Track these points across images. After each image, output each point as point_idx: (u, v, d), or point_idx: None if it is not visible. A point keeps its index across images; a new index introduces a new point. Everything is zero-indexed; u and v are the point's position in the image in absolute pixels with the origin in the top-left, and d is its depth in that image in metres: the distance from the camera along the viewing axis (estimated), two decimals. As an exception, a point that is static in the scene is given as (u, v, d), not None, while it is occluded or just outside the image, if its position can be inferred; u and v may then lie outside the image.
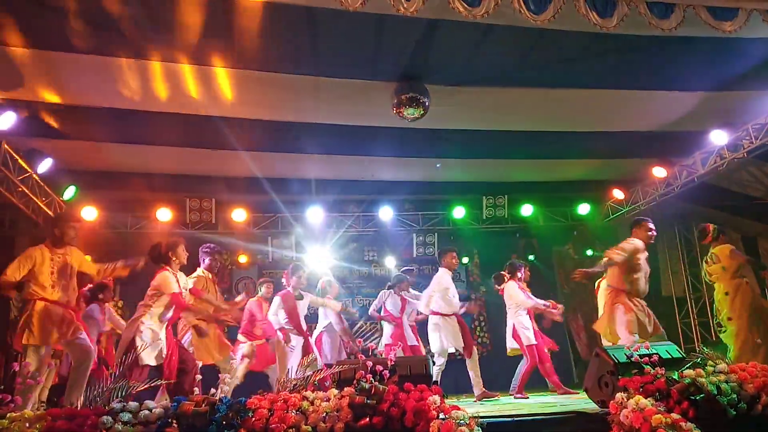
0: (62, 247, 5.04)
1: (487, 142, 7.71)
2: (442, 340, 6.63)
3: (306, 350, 6.67)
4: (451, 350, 6.74)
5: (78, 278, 5.20)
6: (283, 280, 7.11)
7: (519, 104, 6.80)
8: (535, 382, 7.67)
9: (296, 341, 6.71)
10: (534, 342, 6.89)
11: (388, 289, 7.72)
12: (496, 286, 7.48)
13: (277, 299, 6.84)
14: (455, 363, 7.21)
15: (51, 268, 4.89)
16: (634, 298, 5.53)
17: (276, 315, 6.75)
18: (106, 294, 6.33)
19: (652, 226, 5.77)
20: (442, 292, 6.78)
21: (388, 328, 7.57)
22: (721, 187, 8.52)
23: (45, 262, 4.87)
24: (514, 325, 7.00)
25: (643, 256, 5.62)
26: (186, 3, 4.83)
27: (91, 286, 6.22)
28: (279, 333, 6.67)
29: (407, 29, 5.26)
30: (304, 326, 6.94)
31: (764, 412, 3.79)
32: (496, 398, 6.55)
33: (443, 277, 6.87)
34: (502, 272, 7.42)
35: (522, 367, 6.94)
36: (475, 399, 6.50)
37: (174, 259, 5.08)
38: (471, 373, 6.58)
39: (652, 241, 5.81)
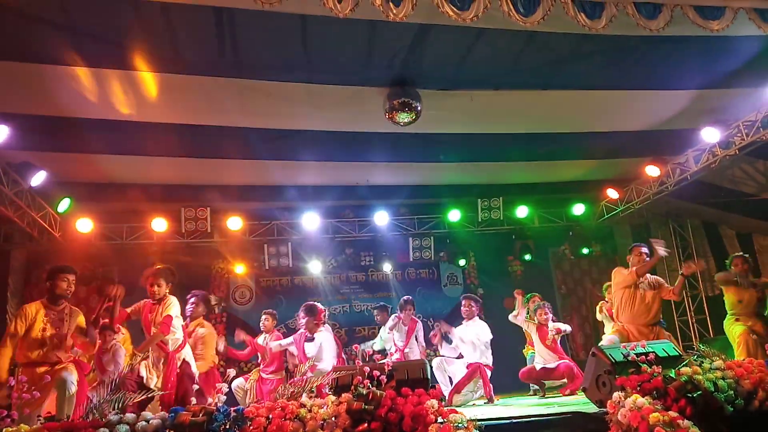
0: (58, 303, 4.88)
1: (480, 144, 7.74)
2: None
3: None
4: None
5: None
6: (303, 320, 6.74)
7: (511, 107, 6.83)
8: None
9: None
10: None
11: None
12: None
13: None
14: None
15: (43, 324, 4.73)
16: None
17: None
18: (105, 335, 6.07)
19: (644, 250, 5.95)
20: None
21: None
22: (714, 184, 8.56)
23: (41, 320, 4.71)
24: None
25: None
26: (176, 13, 4.84)
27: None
28: None
29: (397, 34, 5.28)
30: None
31: (761, 408, 3.81)
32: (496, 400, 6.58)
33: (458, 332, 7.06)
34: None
35: None
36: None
37: None
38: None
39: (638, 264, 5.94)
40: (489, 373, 6.69)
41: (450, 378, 6.84)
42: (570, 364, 6.93)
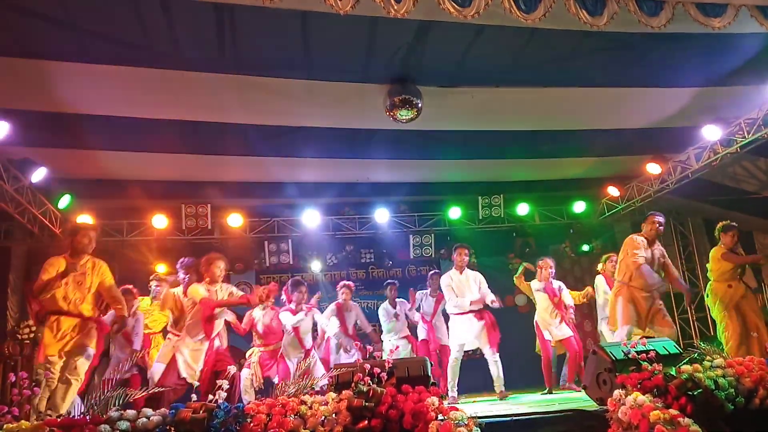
0: (79, 257, 5.02)
1: (481, 142, 7.73)
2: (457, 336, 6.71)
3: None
4: (468, 348, 6.77)
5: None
6: (283, 297, 7.02)
7: (512, 104, 6.83)
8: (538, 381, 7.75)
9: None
10: None
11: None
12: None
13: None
14: (473, 361, 7.30)
15: (66, 278, 4.87)
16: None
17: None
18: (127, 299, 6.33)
19: (659, 219, 5.86)
20: (448, 295, 6.83)
21: (421, 329, 7.65)
22: (715, 182, 8.55)
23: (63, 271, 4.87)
24: None
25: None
26: (176, 9, 4.84)
27: None
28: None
29: (398, 31, 5.27)
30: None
31: (762, 406, 3.80)
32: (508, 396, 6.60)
33: (445, 278, 6.87)
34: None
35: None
36: (498, 397, 6.56)
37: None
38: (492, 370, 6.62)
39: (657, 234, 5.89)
40: None
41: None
42: (572, 342, 6.97)
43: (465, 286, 6.73)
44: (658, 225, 5.85)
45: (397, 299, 7.85)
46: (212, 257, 5.46)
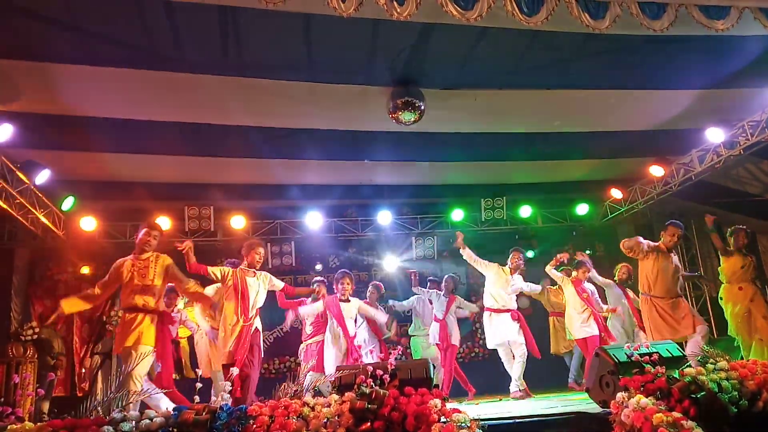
0: (143, 254, 5.20)
1: (484, 144, 7.74)
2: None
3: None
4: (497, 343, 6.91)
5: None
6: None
7: (515, 106, 6.83)
8: (545, 382, 7.78)
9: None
10: None
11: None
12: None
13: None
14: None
15: (130, 273, 5.04)
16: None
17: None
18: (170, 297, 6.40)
19: (681, 231, 5.96)
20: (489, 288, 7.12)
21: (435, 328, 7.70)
22: (718, 184, 8.54)
23: (127, 270, 5.06)
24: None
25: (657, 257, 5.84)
26: (180, 12, 4.85)
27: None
28: None
29: (401, 34, 5.29)
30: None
31: (765, 409, 3.79)
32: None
33: (491, 273, 7.14)
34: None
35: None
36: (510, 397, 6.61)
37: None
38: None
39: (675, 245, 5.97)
40: None
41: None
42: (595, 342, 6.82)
43: (508, 285, 6.99)
44: (677, 237, 5.93)
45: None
46: (253, 243, 5.63)
